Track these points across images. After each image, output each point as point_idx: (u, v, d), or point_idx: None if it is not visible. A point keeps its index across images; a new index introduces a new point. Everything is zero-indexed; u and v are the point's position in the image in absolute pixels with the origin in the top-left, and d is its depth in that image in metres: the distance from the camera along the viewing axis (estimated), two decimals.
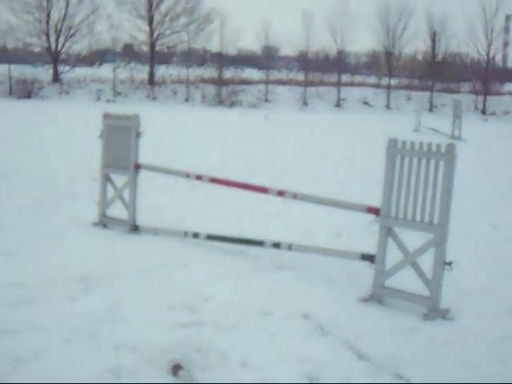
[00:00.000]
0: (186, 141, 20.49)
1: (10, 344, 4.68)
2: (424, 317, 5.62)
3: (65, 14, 52.64)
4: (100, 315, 5.31)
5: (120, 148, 8.37)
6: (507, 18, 53.34)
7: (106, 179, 8.64)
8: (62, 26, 52.78)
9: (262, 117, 35.84)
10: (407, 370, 4.47)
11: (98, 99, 49.10)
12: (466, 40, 53.12)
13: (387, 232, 6.01)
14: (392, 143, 5.99)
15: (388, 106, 50.97)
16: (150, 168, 8.31)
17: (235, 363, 4.49)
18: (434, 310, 5.65)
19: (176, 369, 4.34)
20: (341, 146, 21.39)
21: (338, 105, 50.55)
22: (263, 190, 7.35)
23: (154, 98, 50.13)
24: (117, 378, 4.24)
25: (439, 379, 4.34)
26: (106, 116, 8.61)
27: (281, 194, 7.08)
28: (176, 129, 25.42)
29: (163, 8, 53.08)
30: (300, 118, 39.56)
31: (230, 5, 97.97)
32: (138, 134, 8.20)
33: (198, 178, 7.92)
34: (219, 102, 49.67)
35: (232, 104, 48.62)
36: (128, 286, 6.13)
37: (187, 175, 8.08)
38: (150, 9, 52.71)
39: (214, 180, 7.82)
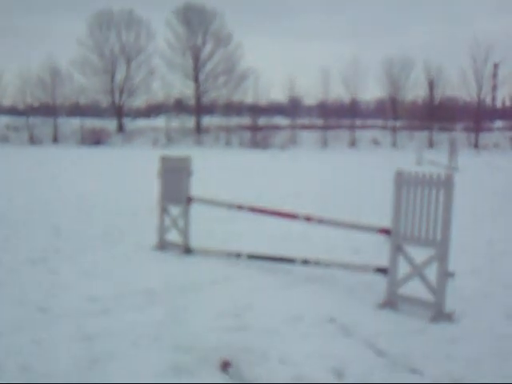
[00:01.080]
0: (228, 177, 20.56)
1: (89, 347, 4.74)
2: (431, 320, 5.53)
3: (126, 75, 53.86)
4: (161, 322, 5.34)
5: (174, 184, 8.46)
6: (495, 65, 52.80)
7: (164, 210, 8.73)
8: (124, 86, 53.94)
9: (290, 157, 35.91)
10: (419, 365, 4.39)
11: (155, 145, 49.74)
12: (459, 85, 52.78)
13: (397, 248, 5.97)
14: (399, 174, 5.98)
15: (394, 144, 50.62)
16: (200, 200, 8.36)
17: (274, 360, 4.47)
18: (440, 314, 5.56)
19: (225, 365, 4.35)
20: (355, 178, 21.29)
21: (352, 144, 50.39)
22: (293, 216, 7.34)
23: (201, 143, 50.59)
24: (176, 375, 4.26)
25: (448, 373, 4.26)
26: (163, 158, 8.73)
27: (308, 219, 7.06)
28: (219, 168, 25.58)
29: (207, 69, 53.91)
30: (321, 156, 39.48)
31: (261, 63, 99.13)
32: (190, 173, 8.29)
33: (239, 207, 7.94)
34: (254, 144, 49.90)
35: (265, 146, 48.80)
36: (184, 297, 6.14)
37: (230, 206, 8.12)
38: (195, 69, 53.57)
39: (251, 209, 7.83)
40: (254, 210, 7.80)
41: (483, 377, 4.25)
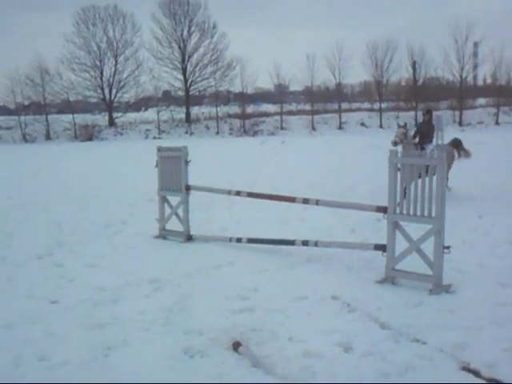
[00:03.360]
0: (221, 165, 20.55)
1: (102, 335, 4.79)
2: (430, 292, 5.62)
3: (115, 70, 53.52)
4: (170, 308, 5.39)
5: (173, 174, 8.48)
6: (475, 44, 52.79)
7: (163, 200, 8.76)
8: (113, 80, 53.62)
9: (279, 142, 35.89)
10: (423, 335, 4.48)
11: (146, 137, 49.60)
12: (441, 65, 52.83)
13: (394, 225, 6.04)
14: (393, 154, 6.03)
15: (381, 126, 50.66)
16: (198, 188, 8.39)
17: (283, 338, 4.54)
18: (438, 286, 5.65)
19: (236, 345, 4.41)
20: (346, 160, 21.30)
21: (340, 128, 50.39)
22: (291, 199, 7.38)
23: (191, 133, 50.45)
24: (190, 357, 4.32)
25: (450, 341, 4.34)
26: (160, 149, 8.74)
27: (306, 201, 7.10)
28: (212, 156, 25.53)
29: (193, 60, 53.63)
30: (310, 140, 39.44)
31: (247, 52, 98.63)
32: (187, 162, 8.31)
33: (238, 193, 7.98)
34: (244, 132, 49.84)
35: (254, 133, 48.75)
36: (190, 283, 6.20)
37: (228, 192, 8.15)
38: (183, 61, 53.25)
39: (250, 194, 7.88)
40: (252, 195, 7.84)
41: (483, 343, 4.33)
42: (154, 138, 48.93)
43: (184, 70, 53.47)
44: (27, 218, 10.83)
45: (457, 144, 12.32)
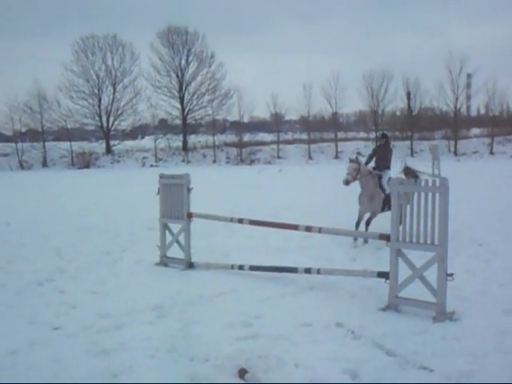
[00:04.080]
0: (219, 194, 20.58)
1: (107, 362, 4.77)
2: (433, 319, 5.62)
3: (113, 98, 54.01)
4: (175, 335, 5.38)
5: (174, 201, 8.52)
6: (468, 75, 53.62)
7: (165, 227, 8.77)
8: (111, 108, 54.02)
9: (277, 171, 36.08)
10: (429, 363, 4.48)
11: (143, 165, 49.81)
12: (436, 96, 53.55)
13: (397, 253, 6.07)
14: (395, 181, 6.10)
15: None
16: (200, 216, 8.42)
17: (289, 365, 4.53)
18: (442, 313, 5.66)
19: (242, 372, 4.40)
20: (343, 189, 21.34)
21: (336, 157, 50.71)
22: (293, 226, 7.42)
23: (188, 162, 50.69)
24: None
25: (457, 369, 4.34)
26: (162, 176, 8.79)
27: (308, 229, 7.14)
28: (209, 184, 25.59)
29: (191, 89, 54.22)
30: (306, 169, 39.68)
31: (244, 81, 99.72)
32: (189, 190, 8.35)
33: (240, 221, 8.00)
34: (241, 160, 50.12)
35: (251, 162, 49.03)
36: (193, 310, 6.18)
37: (231, 219, 8.17)
38: (180, 90, 53.81)
39: (253, 222, 7.91)
40: (254, 222, 7.88)
41: (490, 370, 4.34)
42: (151, 166, 49.14)
43: (181, 99, 54.03)
44: (26, 244, 10.80)
45: (408, 172, 11.36)
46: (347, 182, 9.72)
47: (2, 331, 5.63)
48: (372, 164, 10.40)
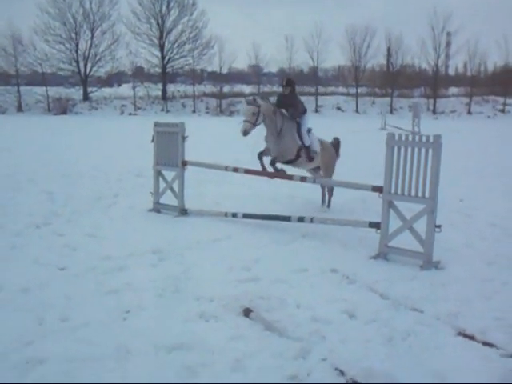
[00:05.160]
0: (205, 144, 20.58)
1: (117, 300, 5.01)
2: (421, 268, 5.98)
3: (91, 43, 52.81)
4: (178, 277, 5.61)
5: (169, 149, 8.67)
6: (448, 34, 53.69)
7: (158, 174, 8.94)
8: (89, 54, 52.88)
9: None
10: (419, 305, 4.84)
11: (122, 113, 49.32)
12: (418, 53, 53.66)
13: (389, 204, 6.38)
14: (390, 137, 6.34)
15: (357, 111, 51.30)
16: (195, 164, 8.60)
17: (291, 305, 4.84)
18: (428, 262, 6.02)
19: (247, 311, 4.69)
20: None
21: (316, 111, 50.84)
22: (289, 177, 7.65)
23: (168, 111, 50.34)
24: (205, 320, 4.59)
25: (445, 310, 4.72)
26: (157, 124, 8.90)
27: (303, 179, 7.39)
28: (194, 135, 25.54)
29: (171, 37, 53.24)
30: None
31: (225, 32, 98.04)
32: (184, 138, 8.50)
33: (235, 169, 8.20)
34: (220, 111, 49.88)
35: (231, 113, 48.83)
36: (192, 254, 6.43)
37: (225, 168, 8.37)
38: (160, 38, 52.81)
39: (248, 171, 8.10)
40: (250, 172, 8.08)
41: (474, 313, 4.71)
42: (130, 114, 48.72)
43: (162, 47, 53.09)
44: (17, 188, 10.86)
45: (336, 144, 9.80)
46: (245, 132, 7.90)
47: (10, 271, 5.81)
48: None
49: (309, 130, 8.73)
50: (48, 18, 51.34)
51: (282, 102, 8.57)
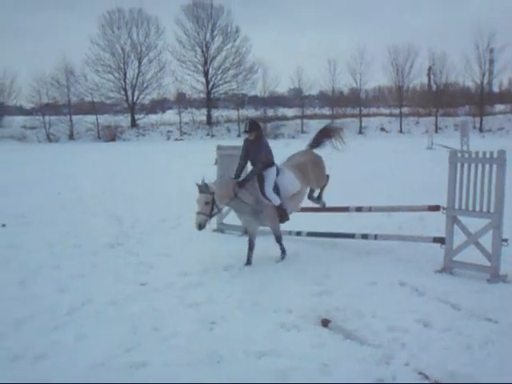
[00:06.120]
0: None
1: (200, 312, 5.35)
2: (488, 281, 6.09)
3: (138, 72, 54.42)
4: (254, 291, 5.92)
5: (230, 170, 9.01)
6: (491, 50, 53.12)
7: None
8: (136, 82, 54.51)
9: (303, 145, 36.25)
10: (492, 316, 4.98)
11: (168, 138, 50.38)
12: (462, 71, 53.22)
13: (453, 220, 6.53)
14: (453, 154, 6.54)
15: (401, 131, 51.06)
16: None
17: (367, 316, 5.07)
18: (496, 276, 6.13)
19: (325, 322, 4.94)
20: (377, 164, 21.68)
21: (360, 132, 50.85)
22: (344, 209, 7.93)
23: (213, 135, 51.16)
24: (287, 330, 4.86)
25: None
26: (220, 147, 9.31)
27: (359, 209, 7.64)
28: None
29: (215, 63, 54.40)
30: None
31: (268, 56, 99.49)
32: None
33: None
34: (266, 135, 50.36)
35: (276, 136, 49.27)
36: (264, 271, 6.72)
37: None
38: (205, 64, 54.06)
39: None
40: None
41: None
42: (176, 139, 49.71)
43: (206, 73, 54.28)
44: (87, 211, 11.43)
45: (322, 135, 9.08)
46: (200, 227, 6.70)
47: (95, 285, 6.23)
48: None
49: (278, 173, 7.45)
50: (98, 49, 53.48)
51: (247, 152, 7.44)
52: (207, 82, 54.40)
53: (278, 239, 7.41)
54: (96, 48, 53.27)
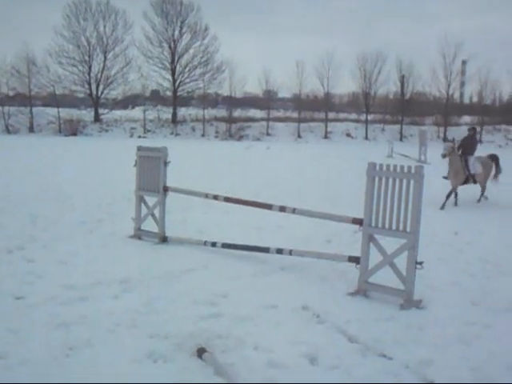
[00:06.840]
0: (204, 168, 20.43)
1: (66, 335, 4.69)
2: (400, 307, 5.60)
3: (103, 66, 53.14)
4: (137, 310, 5.30)
5: (151, 174, 8.40)
6: (463, 62, 53.48)
7: (140, 200, 8.66)
8: (101, 76, 53.21)
9: (264, 148, 35.84)
10: (390, 350, 4.45)
11: (131, 136, 49.23)
12: (429, 81, 53.42)
13: (369, 238, 6.01)
14: (371, 166, 6.01)
15: (366, 137, 50.95)
16: (176, 190, 8.31)
17: (249, 347, 4.48)
18: (409, 301, 5.64)
19: (201, 352, 4.33)
20: (330, 169, 21.34)
21: (326, 137, 50.57)
22: (268, 206, 7.34)
23: (177, 134, 50.23)
24: (153, 361, 4.24)
25: (416, 356, 4.32)
26: (140, 148, 8.65)
27: (282, 209, 7.07)
28: (195, 158, 25.44)
29: (183, 61, 53.48)
30: (295, 148, 39.46)
31: (237, 57, 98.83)
32: (166, 163, 8.23)
33: (215, 197, 7.91)
34: (229, 136, 49.75)
35: (240, 138, 48.67)
36: (160, 286, 6.11)
37: (206, 195, 8.07)
38: (172, 62, 53.09)
39: (227, 199, 7.81)
40: (229, 200, 7.78)
41: (449, 361, 4.32)
42: (139, 136, 48.62)
43: (173, 71, 53.29)
44: (2, 209, 10.64)
45: (494, 159, 13.65)
46: (444, 156, 12.43)
47: None
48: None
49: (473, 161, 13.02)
50: (63, 40, 51.84)
51: (464, 142, 13.40)
52: (174, 80, 53.42)
53: (449, 195, 12.48)
54: (60, 39, 51.61)
